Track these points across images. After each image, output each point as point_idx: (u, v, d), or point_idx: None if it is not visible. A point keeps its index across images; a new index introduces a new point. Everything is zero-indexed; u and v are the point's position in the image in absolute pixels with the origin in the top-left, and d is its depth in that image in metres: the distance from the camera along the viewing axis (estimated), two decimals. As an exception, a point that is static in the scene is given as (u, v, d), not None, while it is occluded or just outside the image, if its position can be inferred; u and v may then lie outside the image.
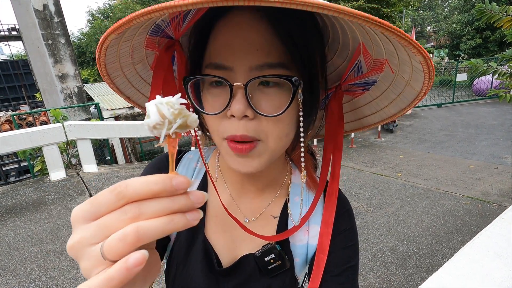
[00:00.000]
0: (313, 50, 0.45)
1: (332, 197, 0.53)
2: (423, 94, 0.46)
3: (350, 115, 0.63)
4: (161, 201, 0.25)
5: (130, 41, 0.45)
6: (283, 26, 0.41)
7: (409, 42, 0.34)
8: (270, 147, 0.45)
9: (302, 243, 0.56)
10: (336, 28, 0.48)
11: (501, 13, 2.45)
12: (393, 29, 0.32)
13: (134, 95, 0.59)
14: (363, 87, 0.53)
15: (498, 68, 2.50)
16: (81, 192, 4.34)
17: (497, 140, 7.24)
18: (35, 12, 7.66)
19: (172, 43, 0.48)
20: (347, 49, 0.51)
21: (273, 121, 0.43)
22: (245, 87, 0.40)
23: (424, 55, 0.36)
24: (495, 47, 19.17)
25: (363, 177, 5.15)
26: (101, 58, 0.43)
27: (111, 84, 0.52)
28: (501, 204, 3.97)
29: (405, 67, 0.44)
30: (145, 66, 0.55)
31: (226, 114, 0.43)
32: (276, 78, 0.41)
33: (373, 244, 3.20)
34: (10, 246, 3.13)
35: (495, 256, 1.33)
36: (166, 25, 0.43)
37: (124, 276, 0.23)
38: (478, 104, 12.05)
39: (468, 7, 20.20)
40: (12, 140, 4.43)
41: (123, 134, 5.83)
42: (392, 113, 0.56)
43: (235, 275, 0.55)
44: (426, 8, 30.59)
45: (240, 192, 0.58)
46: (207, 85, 0.45)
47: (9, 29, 16.33)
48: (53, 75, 8.12)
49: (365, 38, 0.44)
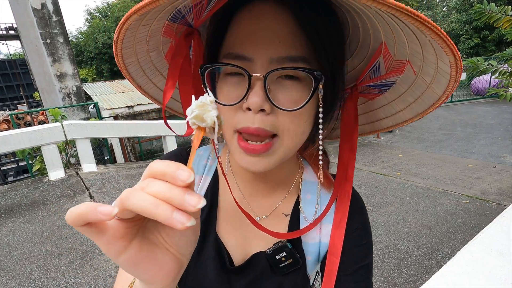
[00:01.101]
0: (335, 45, 0.43)
1: (345, 198, 0.53)
2: (445, 98, 0.44)
3: (363, 117, 0.61)
4: (161, 184, 0.27)
5: (149, 26, 0.44)
6: (308, 18, 0.39)
7: (443, 40, 0.32)
8: (285, 144, 0.43)
9: (315, 241, 0.56)
10: (357, 27, 0.46)
11: (500, 13, 2.45)
12: (430, 24, 0.30)
13: (146, 84, 0.58)
14: (379, 89, 0.51)
15: (498, 67, 2.51)
16: (81, 192, 4.33)
17: (496, 139, 7.27)
18: (33, 11, 7.62)
19: (191, 31, 0.47)
20: (366, 49, 0.50)
21: (290, 116, 0.41)
22: (264, 79, 0.39)
23: (456, 55, 0.34)
24: (493, 47, 19.24)
25: (362, 176, 5.16)
26: (119, 40, 0.42)
27: (124, 71, 0.50)
28: (500, 202, 3.98)
29: (428, 68, 0.42)
30: (160, 54, 0.54)
31: (242, 106, 0.41)
32: (298, 70, 0.40)
33: (373, 242, 3.21)
34: (10, 246, 3.12)
35: (497, 254, 1.33)
36: (188, 11, 0.42)
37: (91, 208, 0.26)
38: (477, 103, 12.09)
39: (466, 7, 20.26)
40: (10, 139, 4.41)
41: (122, 133, 5.82)
42: (408, 117, 0.54)
43: (247, 273, 0.54)
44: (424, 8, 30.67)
45: (251, 190, 0.57)
46: (223, 76, 0.44)
47: (7, 28, 16.23)
48: (52, 74, 8.08)
49: (389, 38, 0.43)
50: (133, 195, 0.26)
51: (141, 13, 0.34)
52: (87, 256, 2.88)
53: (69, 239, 3.17)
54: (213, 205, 0.57)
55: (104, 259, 2.84)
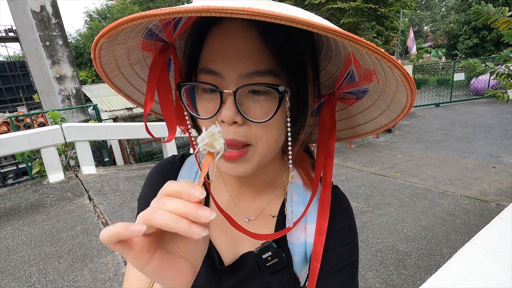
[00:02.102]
0: (302, 58, 0.46)
1: (325, 204, 0.54)
2: (408, 107, 0.47)
3: (345, 122, 0.64)
4: (178, 201, 0.32)
5: (124, 44, 0.46)
6: (272, 35, 0.42)
7: (383, 56, 0.34)
8: (260, 152, 0.46)
9: (300, 241, 0.57)
10: (328, 37, 0.49)
11: (497, 14, 2.46)
12: (366, 44, 0.32)
13: (134, 94, 0.60)
14: (356, 95, 0.54)
15: (495, 68, 2.52)
16: (80, 194, 4.33)
17: (495, 139, 7.28)
18: (32, 13, 7.63)
19: (166, 47, 0.49)
20: (340, 57, 0.53)
21: (262, 127, 0.44)
22: (234, 94, 0.42)
23: (400, 69, 0.37)
24: (492, 47, 19.27)
25: (361, 177, 5.16)
26: (96, 59, 0.44)
27: (109, 83, 0.53)
28: (499, 203, 3.99)
29: (390, 78, 0.45)
30: (144, 66, 0.55)
31: (217, 119, 0.44)
32: (263, 86, 0.42)
33: (372, 244, 3.21)
34: (9, 249, 3.12)
35: (494, 256, 1.34)
36: (159, 30, 0.45)
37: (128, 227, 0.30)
38: (476, 103, 12.11)
39: (465, 7, 20.30)
40: (10, 142, 4.41)
41: (121, 135, 5.83)
42: (384, 123, 0.57)
43: (236, 273, 0.56)
44: (423, 8, 30.70)
45: (239, 193, 0.59)
46: (201, 90, 0.47)
47: (6, 30, 16.25)
48: (51, 77, 8.08)
49: (353, 48, 0.45)
50: (155, 214, 0.31)
51: (107, 37, 0.36)
52: (86, 259, 2.88)
53: (68, 242, 3.17)
54: None
55: (103, 262, 2.84)
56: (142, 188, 0.64)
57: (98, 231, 3.36)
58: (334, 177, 5.28)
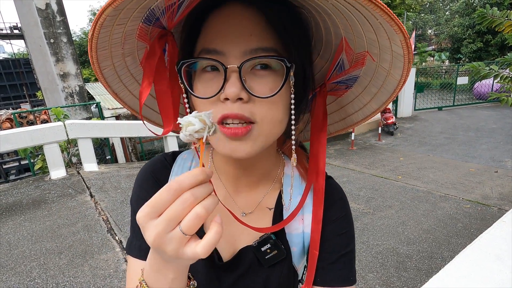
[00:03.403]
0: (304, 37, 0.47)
1: (319, 193, 0.55)
2: (403, 82, 0.47)
3: (335, 115, 0.64)
4: (205, 186, 0.35)
5: (124, 26, 0.45)
6: (275, 15, 0.43)
7: (390, 17, 0.35)
8: (265, 131, 0.46)
9: (298, 232, 0.57)
10: (320, 27, 0.50)
11: (502, 17, 2.45)
12: (376, 1, 0.33)
13: (121, 92, 0.58)
14: (346, 84, 0.55)
15: (499, 72, 2.51)
16: (81, 191, 4.34)
17: (498, 143, 7.25)
18: (38, 10, 7.68)
19: (165, 33, 0.49)
20: (330, 48, 0.54)
21: (267, 104, 0.44)
22: (239, 69, 0.41)
23: (404, 33, 0.37)
24: (496, 51, 19.19)
25: (363, 179, 5.15)
26: (94, 38, 0.43)
27: (99, 74, 0.51)
28: (501, 207, 3.97)
29: (385, 55, 0.45)
30: (135, 60, 0.55)
31: (220, 98, 0.43)
32: (269, 59, 0.43)
33: (373, 246, 3.20)
34: (10, 244, 3.13)
35: (496, 259, 1.33)
36: (161, 13, 0.44)
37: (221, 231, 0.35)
38: (479, 107, 12.07)
39: (469, 11, 20.23)
40: (13, 138, 4.44)
41: (123, 133, 5.85)
42: (374, 108, 0.57)
43: (235, 268, 0.56)
44: (427, 11, 30.63)
45: (235, 187, 0.59)
46: (200, 72, 0.46)
47: (11, 27, 16.35)
48: (55, 74, 8.13)
49: (348, 32, 0.46)
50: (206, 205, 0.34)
51: (116, 4, 0.35)
52: (87, 255, 2.89)
53: (69, 238, 3.18)
54: None
55: (103, 258, 2.85)
56: (133, 189, 0.62)
57: (99, 228, 3.37)
58: (336, 179, 5.28)
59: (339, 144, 7.77)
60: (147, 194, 0.59)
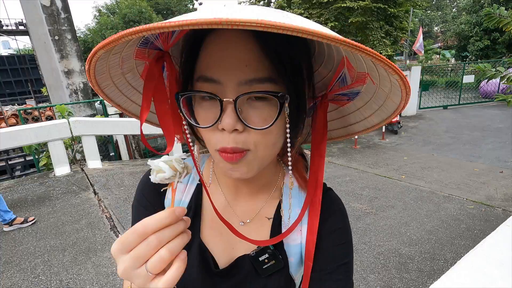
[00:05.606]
0: (299, 64, 0.46)
1: (316, 205, 0.54)
2: (402, 107, 0.48)
3: (337, 122, 0.64)
4: (172, 229, 0.37)
5: (120, 54, 0.46)
6: (270, 43, 0.42)
7: (385, 63, 0.35)
8: (259, 156, 0.47)
9: (296, 243, 0.57)
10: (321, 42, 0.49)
11: (509, 17, 2.41)
12: (370, 52, 0.33)
13: (124, 103, 0.59)
14: (348, 97, 0.55)
15: (506, 73, 2.47)
16: (85, 188, 4.38)
17: (503, 143, 7.16)
18: (42, 7, 7.71)
19: (162, 54, 0.49)
20: (332, 61, 0.54)
21: (262, 133, 0.45)
22: (234, 102, 0.42)
23: (400, 74, 0.38)
24: (503, 49, 18.91)
25: (366, 179, 5.13)
26: (91, 70, 0.44)
27: (101, 93, 0.52)
28: (506, 208, 3.93)
29: (384, 81, 0.46)
30: (135, 74, 0.55)
31: (218, 127, 0.45)
32: (263, 94, 0.43)
33: (375, 246, 3.20)
34: (15, 240, 3.18)
35: (498, 265, 1.32)
36: (155, 38, 0.45)
37: (183, 267, 0.37)
38: (485, 106, 11.92)
39: (476, 8, 19.93)
40: (18, 135, 4.48)
41: (127, 130, 5.87)
42: (375, 122, 0.57)
43: (232, 276, 0.56)
44: (434, 8, 30.24)
45: (234, 196, 0.60)
46: (199, 99, 0.47)
47: (17, 23, 16.44)
48: (59, 71, 8.17)
49: (348, 52, 0.46)
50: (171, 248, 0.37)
51: (107, 49, 0.36)
52: (90, 253, 2.92)
53: (73, 235, 3.22)
54: (197, 213, 0.60)
55: (106, 256, 2.88)
56: (135, 195, 0.63)
57: (102, 225, 3.40)
58: (338, 178, 5.24)
59: (343, 143, 7.74)
60: (146, 201, 0.61)
